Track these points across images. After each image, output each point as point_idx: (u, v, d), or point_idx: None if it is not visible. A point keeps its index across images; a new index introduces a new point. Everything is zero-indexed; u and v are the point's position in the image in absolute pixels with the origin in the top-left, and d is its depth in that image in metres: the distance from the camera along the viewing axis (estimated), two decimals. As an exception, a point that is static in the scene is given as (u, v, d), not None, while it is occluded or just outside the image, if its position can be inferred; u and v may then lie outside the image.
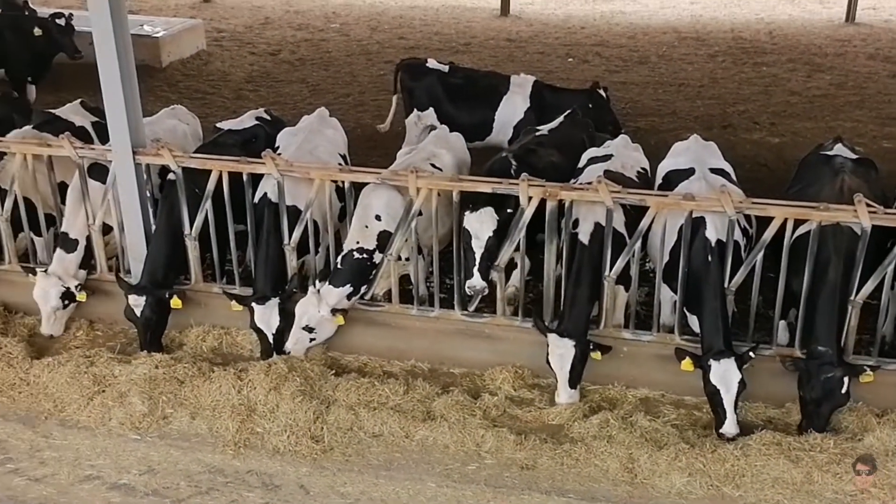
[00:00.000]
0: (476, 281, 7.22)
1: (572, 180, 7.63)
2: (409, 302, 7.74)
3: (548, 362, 7.05)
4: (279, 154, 7.92)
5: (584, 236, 7.17)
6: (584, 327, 7.07)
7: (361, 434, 6.79)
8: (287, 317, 7.47)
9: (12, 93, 9.68)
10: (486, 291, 7.32)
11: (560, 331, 7.00)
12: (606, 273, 7.07)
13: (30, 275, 7.85)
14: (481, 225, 7.21)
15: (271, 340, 7.54)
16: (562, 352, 6.95)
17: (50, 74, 13.03)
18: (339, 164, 8.13)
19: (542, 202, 7.08)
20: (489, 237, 7.20)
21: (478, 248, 7.22)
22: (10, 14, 13.51)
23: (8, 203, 7.97)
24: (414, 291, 7.81)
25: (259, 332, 7.56)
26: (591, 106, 10.39)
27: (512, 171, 7.53)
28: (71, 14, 12.72)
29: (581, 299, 7.09)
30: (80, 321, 8.11)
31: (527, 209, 7.10)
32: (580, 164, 8.19)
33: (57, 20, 12.54)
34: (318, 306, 7.34)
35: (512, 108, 10.44)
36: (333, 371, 7.41)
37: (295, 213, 7.58)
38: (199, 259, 7.90)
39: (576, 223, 7.20)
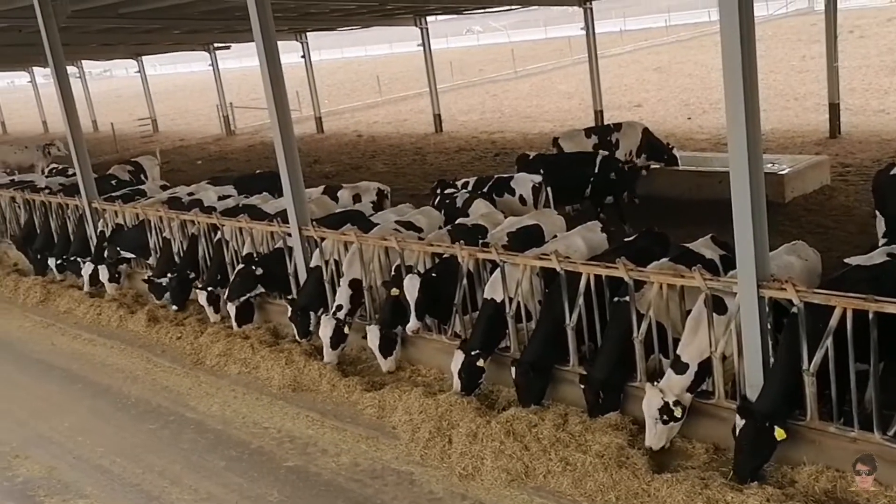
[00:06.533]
0: None
1: None
2: None
3: None
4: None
5: None
6: None
7: None
8: None
9: (654, 227, 10.82)
10: None
11: None
12: None
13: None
14: None
15: None
16: None
17: (680, 211, 14.22)
18: None
19: None
20: None
21: None
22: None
23: (643, 326, 8.80)
24: None
25: None
26: None
27: None
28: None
29: None
30: (701, 444, 8.45)
31: None
32: None
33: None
34: None
35: None
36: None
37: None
38: (815, 395, 7.78)
39: None
